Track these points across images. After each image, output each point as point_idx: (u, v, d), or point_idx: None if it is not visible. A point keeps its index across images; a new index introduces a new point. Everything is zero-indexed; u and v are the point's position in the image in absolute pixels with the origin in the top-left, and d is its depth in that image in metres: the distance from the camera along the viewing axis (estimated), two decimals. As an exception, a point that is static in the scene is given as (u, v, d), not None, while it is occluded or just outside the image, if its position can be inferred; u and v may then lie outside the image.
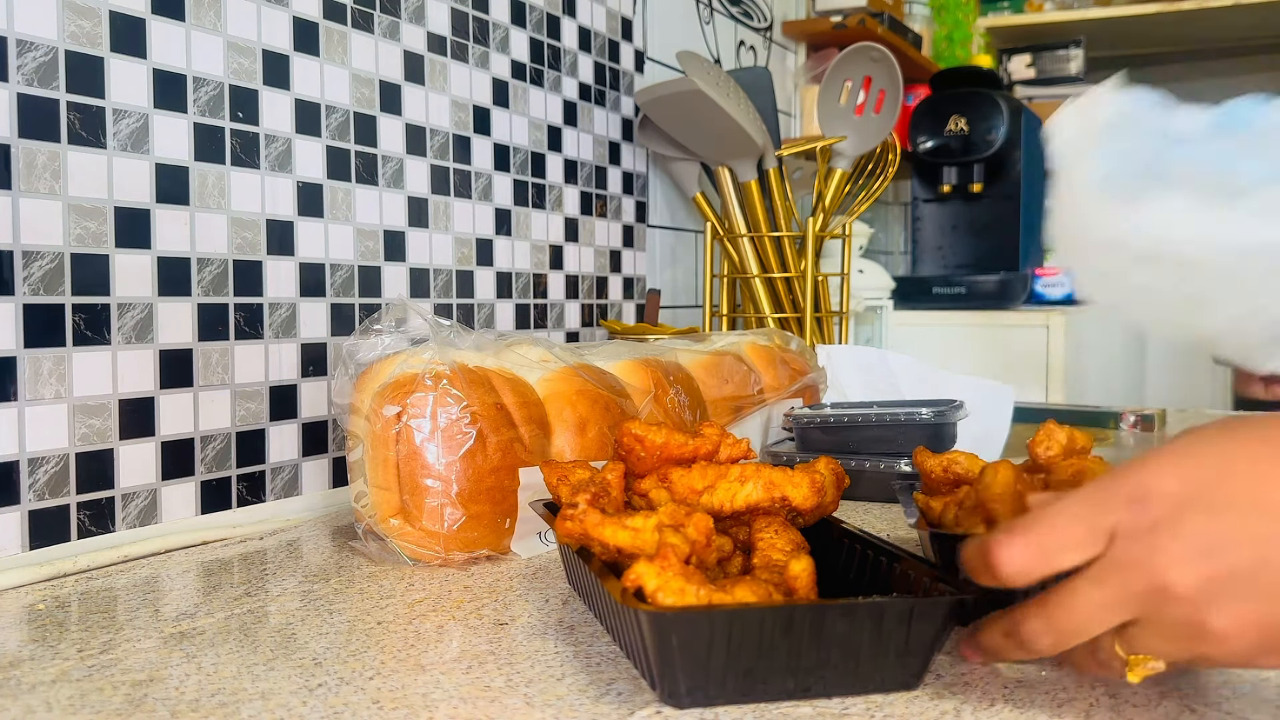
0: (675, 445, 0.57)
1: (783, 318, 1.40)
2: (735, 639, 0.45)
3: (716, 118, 1.27)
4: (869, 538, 0.58)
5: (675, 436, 0.57)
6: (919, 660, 0.48)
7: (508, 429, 0.73)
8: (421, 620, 0.60)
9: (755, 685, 0.46)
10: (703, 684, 0.46)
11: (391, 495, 0.72)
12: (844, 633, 0.46)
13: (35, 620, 0.61)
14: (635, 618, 0.45)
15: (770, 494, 0.55)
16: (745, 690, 0.46)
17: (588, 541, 0.50)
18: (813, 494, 0.55)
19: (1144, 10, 3.05)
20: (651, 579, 0.45)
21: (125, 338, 0.78)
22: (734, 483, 0.55)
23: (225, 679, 0.51)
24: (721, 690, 0.46)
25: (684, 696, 0.46)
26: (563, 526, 0.50)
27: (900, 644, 0.47)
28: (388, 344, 0.75)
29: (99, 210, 0.76)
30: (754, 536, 0.55)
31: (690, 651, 0.45)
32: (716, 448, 0.58)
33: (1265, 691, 0.49)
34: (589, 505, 0.50)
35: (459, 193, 1.10)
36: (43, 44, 0.72)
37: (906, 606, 0.46)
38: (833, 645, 0.46)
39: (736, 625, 0.45)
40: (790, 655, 0.46)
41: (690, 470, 0.56)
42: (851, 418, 0.93)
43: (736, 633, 0.45)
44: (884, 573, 0.55)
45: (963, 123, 2.13)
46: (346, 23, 0.96)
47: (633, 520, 0.49)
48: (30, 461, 0.72)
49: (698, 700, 0.46)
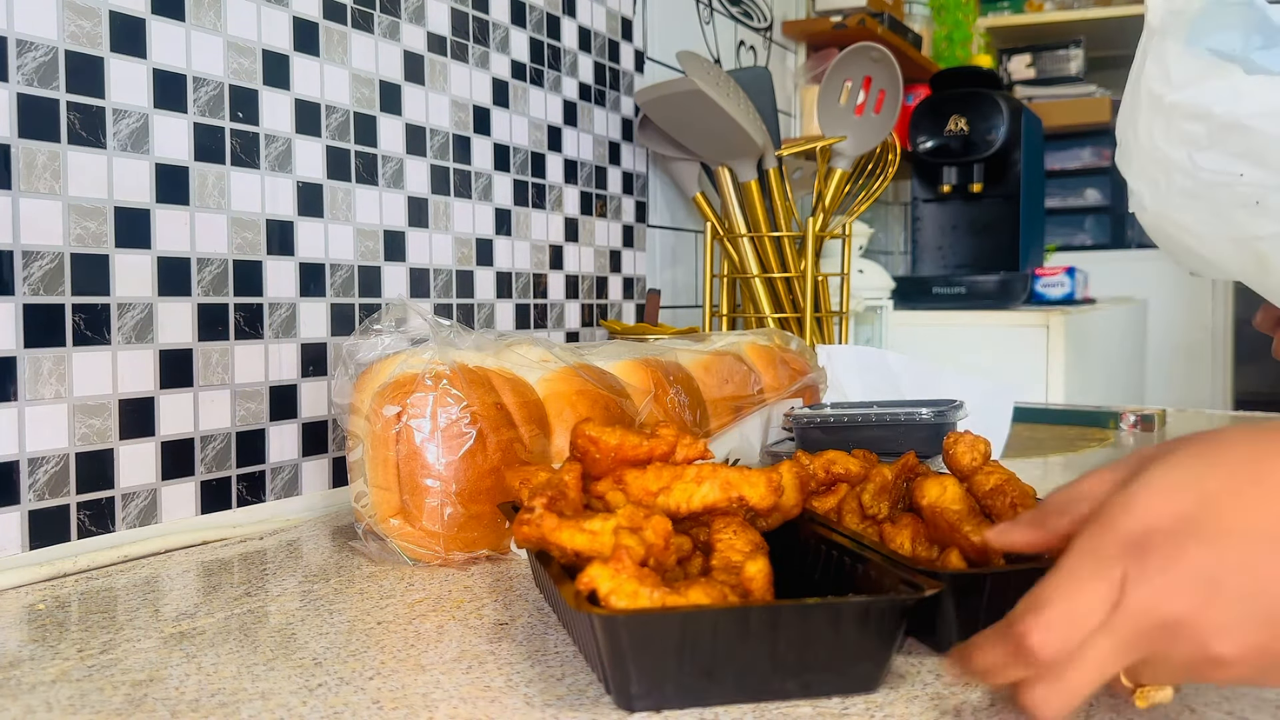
0: (630, 446, 0.56)
1: (783, 318, 1.40)
2: (687, 642, 0.44)
3: (716, 118, 1.27)
4: (837, 537, 0.57)
5: (629, 438, 0.57)
6: (876, 662, 0.47)
7: (508, 429, 0.73)
8: (421, 620, 0.60)
9: (710, 688, 0.46)
10: (656, 686, 0.45)
11: (391, 495, 0.72)
12: (799, 634, 0.46)
13: (35, 620, 0.61)
14: (589, 621, 0.45)
15: (727, 494, 0.54)
16: (699, 693, 0.46)
17: (546, 545, 0.50)
18: (770, 494, 0.55)
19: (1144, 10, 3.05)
20: (605, 582, 0.45)
21: (125, 338, 0.78)
22: (690, 483, 0.54)
23: (225, 679, 0.51)
24: (675, 693, 0.45)
25: (636, 699, 0.46)
26: (519, 531, 0.50)
27: (857, 645, 0.46)
28: (387, 344, 0.75)
29: (99, 210, 0.76)
30: (713, 537, 0.55)
31: (642, 654, 0.44)
32: (672, 448, 0.58)
33: (1265, 691, 0.49)
34: (545, 509, 0.50)
35: (459, 193, 1.10)
36: (43, 44, 0.72)
37: (862, 607, 0.46)
38: (788, 647, 0.46)
39: (688, 628, 0.44)
40: (744, 657, 0.45)
41: (645, 471, 0.55)
42: (851, 418, 0.93)
43: (689, 635, 0.44)
44: (848, 572, 0.55)
45: (963, 123, 2.13)
46: (346, 23, 0.96)
47: (590, 523, 0.49)
48: (30, 461, 0.72)
49: (651, 703, 0.46)
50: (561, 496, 0.54)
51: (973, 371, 1.21)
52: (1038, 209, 2.31)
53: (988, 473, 0.59)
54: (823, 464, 0.69)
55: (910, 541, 0.58)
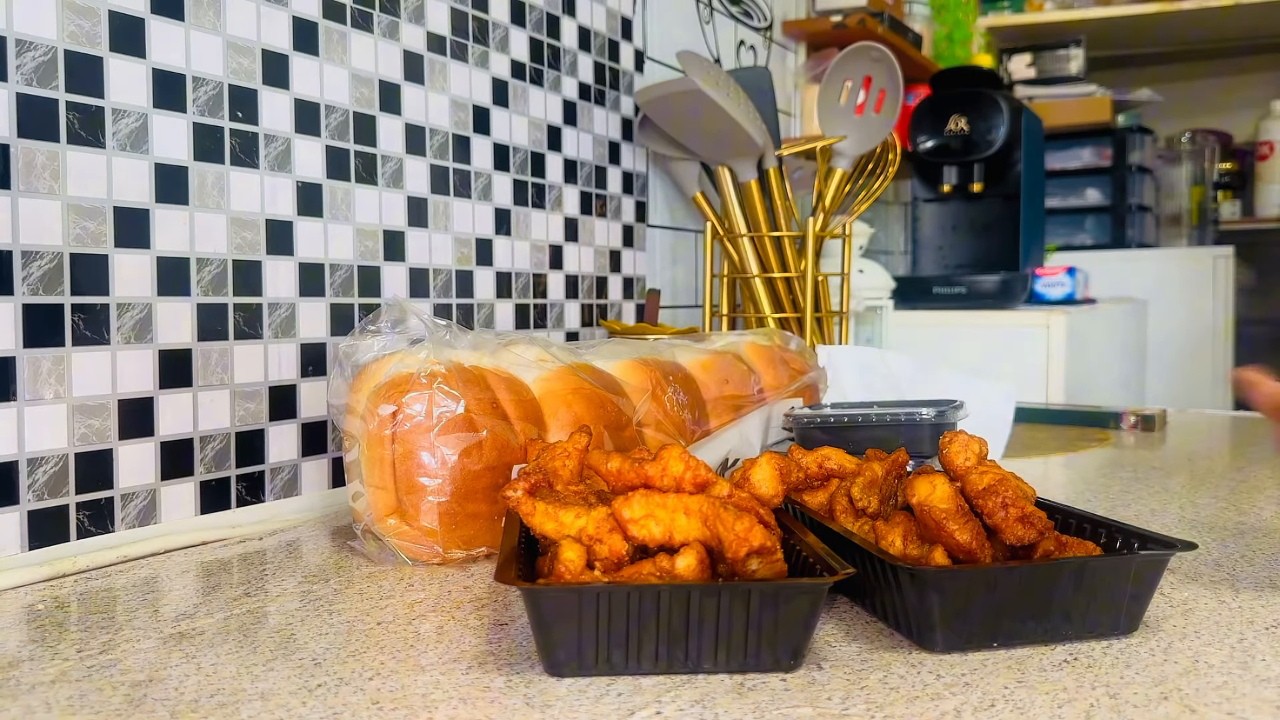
0: (627, 469, 0.59)
1: (783, 318, 1.40)
2: (603, 615, 0.49)
3: (716, 118, 1.27)
4: (789, 521, 0.61)
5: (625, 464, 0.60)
6: (791, 642, 0.51)
7: (503, 428, 0.73)
8: (421, 620, 0.60)
9: (627, 659, 0.50)
10: (575, 655, 0.50)
11: (388, 495, 0.72)
12: (711, 613, 0.50)
13: (35, 620, 0.61)
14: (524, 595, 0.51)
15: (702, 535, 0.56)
16: (618, 664, 0.50)
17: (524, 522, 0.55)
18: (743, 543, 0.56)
19: (1144, 10, 3.05)
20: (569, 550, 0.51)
21: (124, 338, 0.78)
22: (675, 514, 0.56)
23: (225, 679, 0.51)
24: (596, 662, 0.50)
25: (561, 666, 0.50)
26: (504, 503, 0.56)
27: (771, 625, 0.50)
28: (384, 344, 0.75)
29: (98, 210, 0.76)
30: None
31: (562, 624, 0.49)
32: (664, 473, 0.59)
33: (1265, 691, 0.49)
34: (525, 494, 0.55)
35: (459, 193, 1.10)
36: (42, 44, 0.72)
37: (772, 590, 0.50)
38: (701, 625, 0.50)
39: (603, 602, 0.49)
40: (661, 631, 0.50)
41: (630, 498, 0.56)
42: (851, 418, 0.93)
43: (603, 609, 0.49)
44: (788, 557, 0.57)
45: (963, 122, 2.13)
46: (346, 22, 0.96)
47: (564, 514, 0.54)
48: (30, 462, 0.72)
49: (573, 670, 0.50)
50: (545, 483, 0.57)
51: (974, 373, 1.21)
52: (1038, 209, 2.31)
53: (981, 472, 0.59)
54: (816, 459, 0.70)
55: (901, 539, 0.59)
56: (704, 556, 0.52)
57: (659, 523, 0.53)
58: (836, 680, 0.50)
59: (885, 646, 0.55)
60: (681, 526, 0.53)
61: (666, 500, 0.54)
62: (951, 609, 0.53)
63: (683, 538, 0.53)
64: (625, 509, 0.53)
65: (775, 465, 0.63)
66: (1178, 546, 0.56)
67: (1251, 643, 0.55)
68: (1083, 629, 0.55)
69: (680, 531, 0.53)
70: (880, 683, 0.50)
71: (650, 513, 0.53)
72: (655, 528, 0.53)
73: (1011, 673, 0.51)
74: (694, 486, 0.58)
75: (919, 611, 0.54)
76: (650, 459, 0.58)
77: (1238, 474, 1.05)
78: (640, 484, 0.58)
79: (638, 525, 0.53)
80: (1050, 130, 2.77)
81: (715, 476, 0.59)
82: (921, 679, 0.50)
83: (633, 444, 0.83)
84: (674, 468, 0.58)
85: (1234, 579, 0.67)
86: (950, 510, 0.57)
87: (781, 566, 0.53)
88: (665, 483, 0.58)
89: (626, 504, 0.53)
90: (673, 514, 0.53)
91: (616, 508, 0.53)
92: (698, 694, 0.48)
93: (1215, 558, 0.73)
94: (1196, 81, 3.73)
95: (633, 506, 0.53)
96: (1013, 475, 0.60)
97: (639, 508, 0.53)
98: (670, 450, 0.58)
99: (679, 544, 0.53)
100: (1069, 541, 0.57)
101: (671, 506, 0.53)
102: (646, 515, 0.53)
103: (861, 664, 0.52)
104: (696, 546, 0.52)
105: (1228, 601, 0.63)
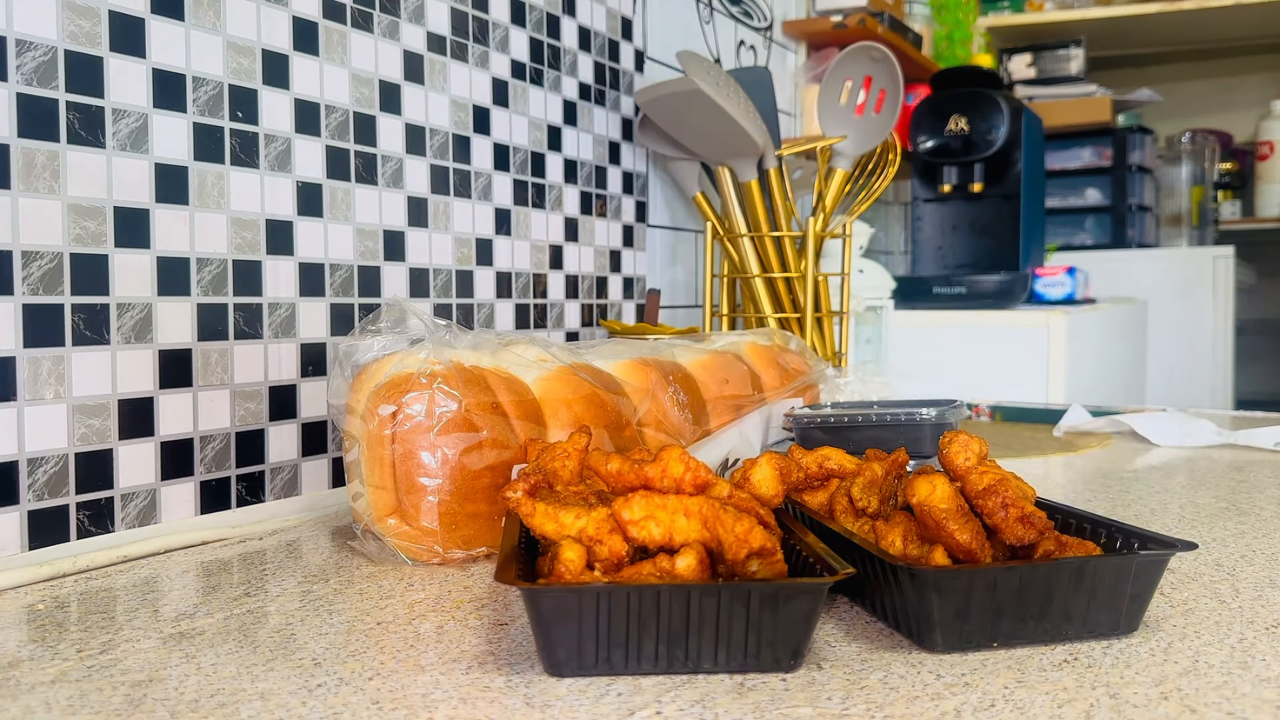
0: (626, 470, 0.59)
1: (783, 318, 1.40)
2: (603, 615, 0.49)
3: (716, 118, 1.27)
4: (789, 521, 0.61)
5: (625, 465, 0.59)
6: (791, 642, 0.50)
7: (503, 428, 0.73)
8: (421, 620, 0.60)
9: (627, 659, 0.50)
10: (575, 655, 0.50)
11: (388, 495, 0.72)
12: (710, 613, 0.50)
13: (34, 620, 0.61)
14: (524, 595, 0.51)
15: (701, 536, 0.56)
16: (618, 664, 0.50)
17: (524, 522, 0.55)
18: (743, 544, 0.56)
19: (1144, 10, 3.05)
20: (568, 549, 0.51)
21: (125, 338, 0.78)
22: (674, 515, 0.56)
23: (225, 679, 0.51)
24: (596, 662, 0.50)
25: (561, 666, 0.50)
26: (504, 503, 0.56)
27: (771, 626, 0.50)
28: (384, 344, 0.75)
29: (98, 210, 0.76)
30: None
31: (561, 624, 0.49)
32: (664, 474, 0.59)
33: (1265, 691, 0.49)
34: (525, 494, 0.55)
35: (459, 192, 1.10)
36: (42, 44, 0.72)
37: (772, 590, 0.49)
38: (701, 625, 0.50)
39: (603, 602, 0.49)
40: (661, 631, 0.50)
41: (630, 499, 0.56)
42: (852, 418, 0.93)
43: (602, 609, 0.49)
44: (788, 557, 0.57)
45: (963, 122, 2.13)
46: (346, 22, 0.96)
47: (563, 515, 0.54)
48: (30, 462, 0.72)
49: (573, 670, 0.50)
50: (545, 483, 0.58)
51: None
52: (1038, 209, 2.31)
53: (981, 473, 0.59)
54: (816, 459, 0.70)
55: (901, 539, 0.59)
56: (704, 556, 0.52)
57: (659, 524, 0.53)
58: (836, 680, 0.50)
59: (885, 646, 0.55)
60: (681, 528, 0.53)
61: (666, 502, 0.54)
62: (951, 609, 0.53)
63: (683, 539, 0.53)
64: (625, 510, 0.53)
65: (775, 465, 0.63)
66: (1178, 546, 0.56)
67: (1251, 643, 0.55)
68: (1083, 629, 0.55)
69: (680, 533, 0.53)
70: (880, 683, 0.50)
71: (650, 514, 0.53)
72: (655, 529, 0.53)
73: (1011, 673, 0.51)
74: (694, 488, 0.58)
75: (919, 611, 0.54)
76: (650, 460, 0.58)
77: (1238, 474, 1.05)
78: (640, 485, 0.58)
79: (638, 527, 0.53)
80: (1050, 130, 2.77)
81: (715, 478, 0.59)
82: (921, 679, 0.50)
83: (633, 444, 0.83)
84: (674, 469, 0.58)
85: (1234, 579, 0.67)
86: (950, 510, 0.57)
87: (781, 567, 0.53)
88: (665, 484, 0.58)
89: (626, 505, 0.53)
90: (673, 516, 0.53)
91: (616, 509, 0.53)
92: (698, 694, 0.48)
93: (1215, 558, 0.73)
94: (1196, 81, 3.73)
95: (633, 508, 0.53)
96: (1013, 475, 0.60)
97: (639, 509, 0.53)
98: (670, 451, 0.58)
99: (679, 545, 0.53)
100: (1069, 541, 0.57)
101: (671, 508, 0.53)
102: (646, 517, 0.53)
103: (861, 664, 0.52)
104: (696, 546, 0.52)
105: (1228, 601, 0.63)
